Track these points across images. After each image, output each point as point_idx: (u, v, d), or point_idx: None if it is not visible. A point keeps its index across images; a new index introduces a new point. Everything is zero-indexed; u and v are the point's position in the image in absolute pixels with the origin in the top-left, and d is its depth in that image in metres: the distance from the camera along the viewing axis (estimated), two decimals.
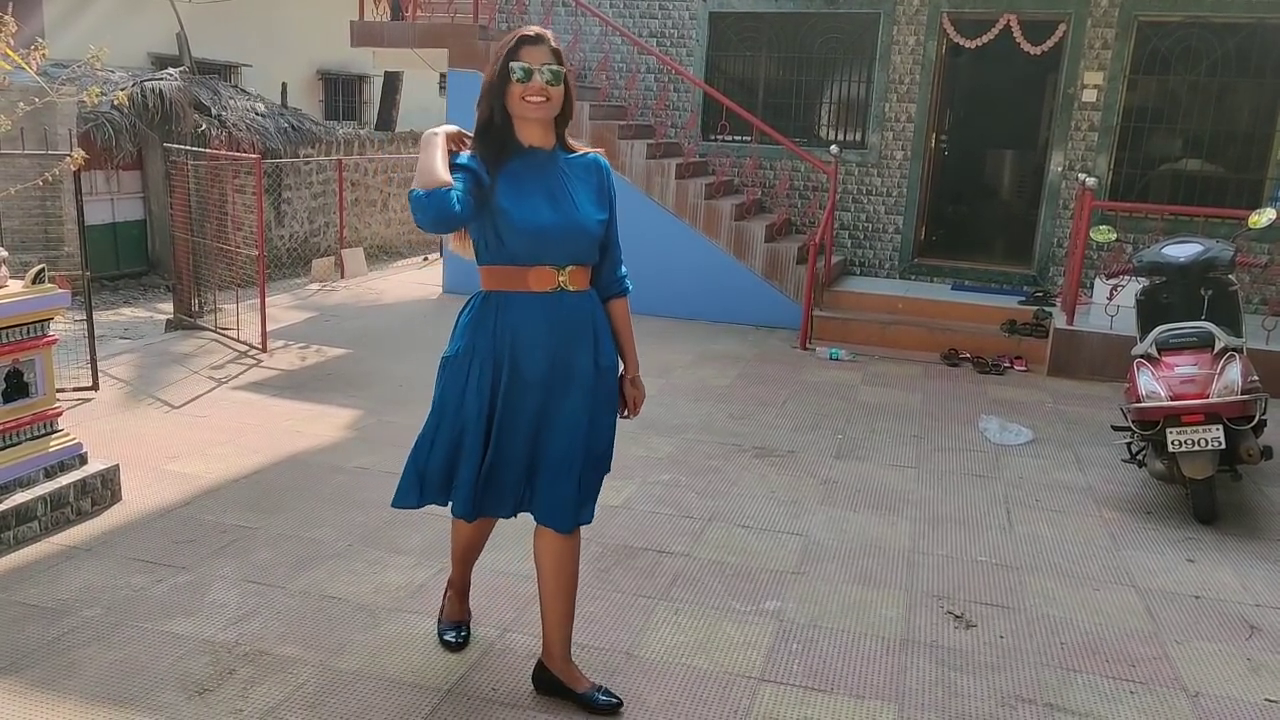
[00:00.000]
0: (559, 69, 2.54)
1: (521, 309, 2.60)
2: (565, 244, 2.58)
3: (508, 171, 2.56)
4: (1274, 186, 8.65)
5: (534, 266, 2.58)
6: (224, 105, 11.25)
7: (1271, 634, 3.56)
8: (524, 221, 2.53)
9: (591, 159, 2.71)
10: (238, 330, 7.33)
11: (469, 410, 2.68)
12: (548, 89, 2.53)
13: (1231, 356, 4.57)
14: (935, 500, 4.72)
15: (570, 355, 2.64)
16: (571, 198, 2.60)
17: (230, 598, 3.44)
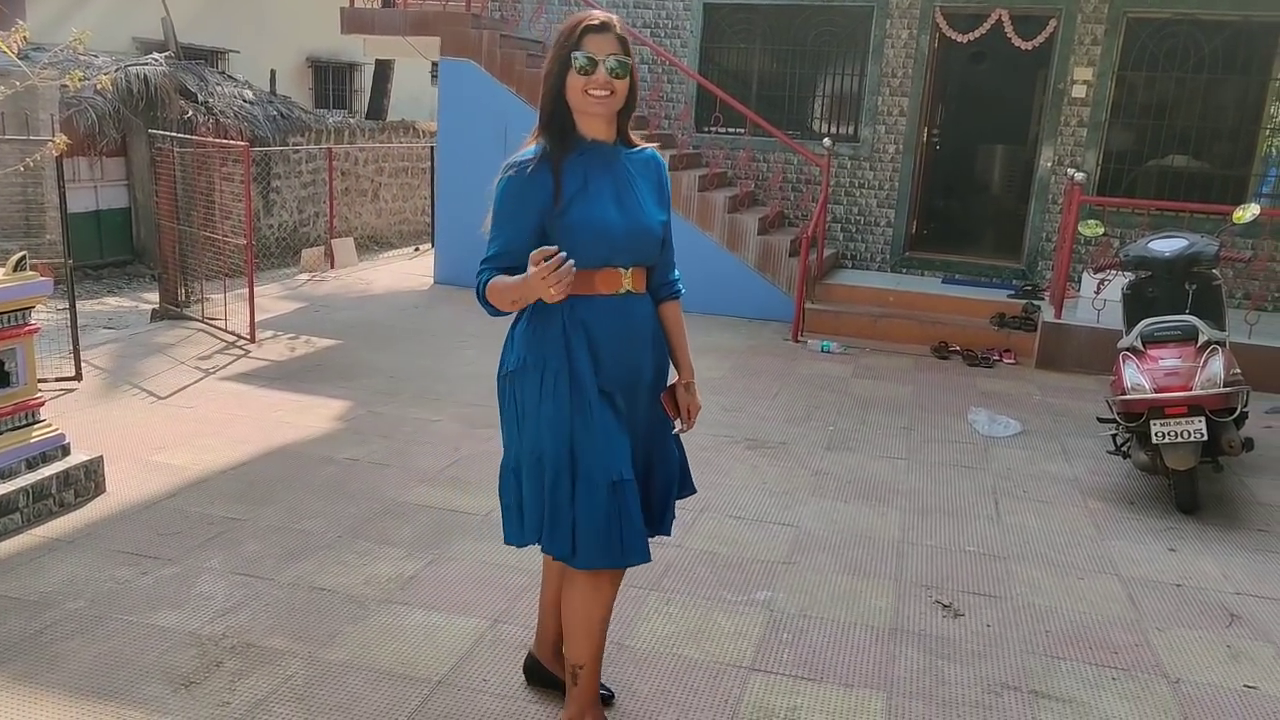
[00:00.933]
0: (626, 60, 2.34)
1: (590, 313, 2.39)
2: (631, 245, 2.41)
3: (571, 167, 2.36)
4: (1258, 182, 8.72)
5: (601, 269, 2.38)
6: (211, 92, 11.17)
7: (1251, 622, 3.60)
8: (593, 222, 2.35)
9: (649, 154, 2.54)
10: (225, 320, 7.29)
11: (550, 429, 2.41)
12: (613, 82, 2.32)
13: (1214, 350, 4.61)
14: (925, 491, 4.75)
15: (637, 361, 2.48)
16: (636, 197, 2.43)
17: (217, 590, 3.44)
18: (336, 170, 12.59)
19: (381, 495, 4.33)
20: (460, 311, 8.29)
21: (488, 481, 4.51)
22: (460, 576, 3.61)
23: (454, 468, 4.70)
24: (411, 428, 5.24)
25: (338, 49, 16.80)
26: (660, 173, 2.55)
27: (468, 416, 5.47)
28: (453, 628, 3.25)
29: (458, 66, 9.06)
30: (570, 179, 2.35)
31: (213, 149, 8.08)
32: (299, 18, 16.32)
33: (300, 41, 16.85)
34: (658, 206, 2.50)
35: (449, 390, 5.97)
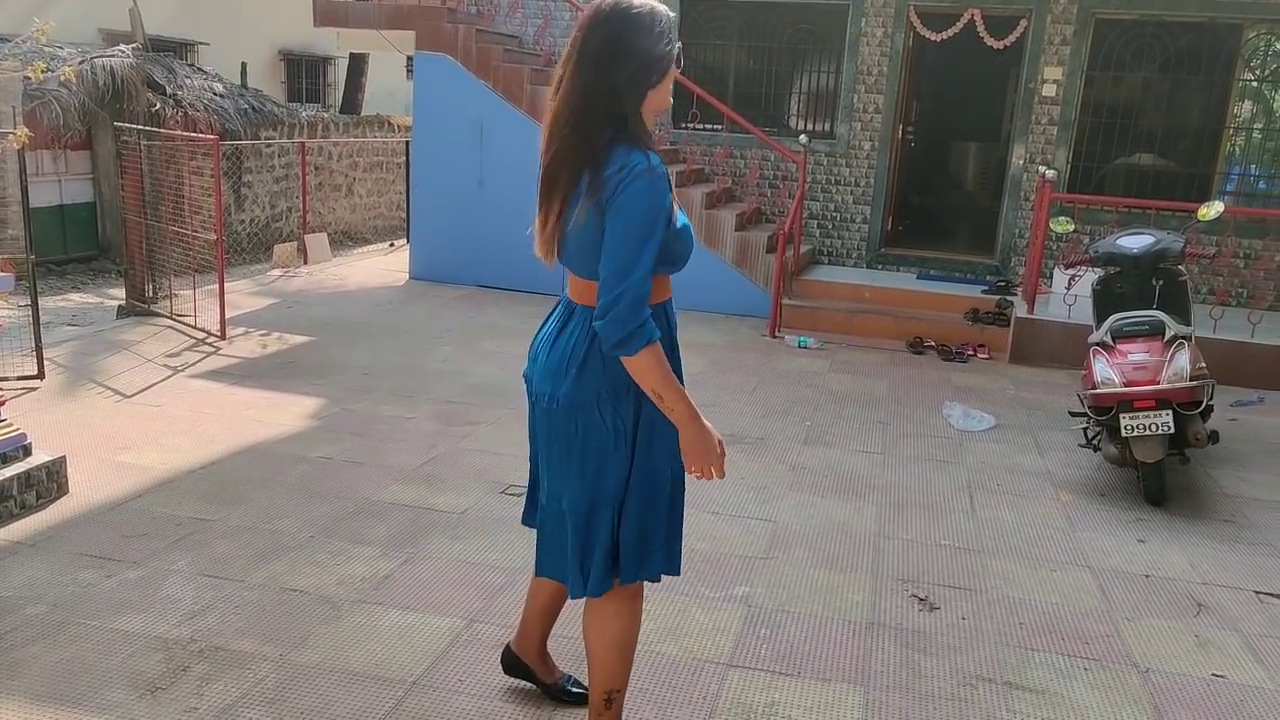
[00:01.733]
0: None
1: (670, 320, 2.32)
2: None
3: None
4: (1222, 181, 8.84)
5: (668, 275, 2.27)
6: (180, 84, 11.03)
7: (1218, 611, 3.65)
8: (686, 227, 2.22)
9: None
10: (194, 317, 7.20)
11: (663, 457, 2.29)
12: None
13: (1181, 344, 4.67)
14: (900, 485, 4.77)
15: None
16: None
17: (185, 592, 3.38)
18: (310, 165, 12.47)
19: (355, 494, 4.29)
20: (435, 307, 8.24)
21: (463, 479, 4.50)
22: (435, 575, 3.59)
23: (429, 465, 4.67)
24: (386, 425, 5.21)
25: (311, 42, 16.63)
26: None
27: (443, 414, 5.44)
28: (428, 627, 3.23)
29: (433, 61, 9.00)
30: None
31: (181, 142, 7.97)
32: (271, 10, 16.14)
33: (272, 34, 16.67)
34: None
35: (424, 387, 5.93)
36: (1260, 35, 8.54)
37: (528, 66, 8.92)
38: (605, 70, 2.08)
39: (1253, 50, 8.59)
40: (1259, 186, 8.94)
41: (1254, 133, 8.88)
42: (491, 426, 5.26)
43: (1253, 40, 8.54)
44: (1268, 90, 8.83)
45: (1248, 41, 8.53)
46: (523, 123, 8.76)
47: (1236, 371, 6.81)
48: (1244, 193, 8.93)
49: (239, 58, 15.24)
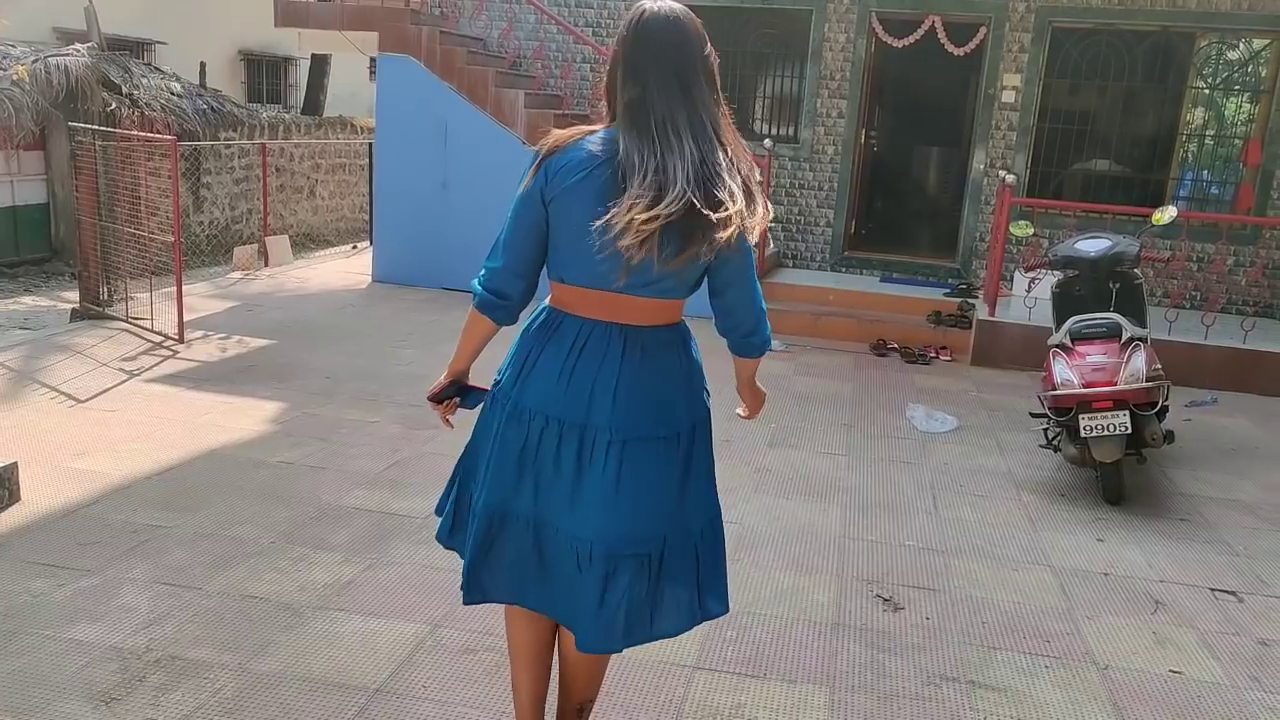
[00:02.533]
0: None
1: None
2: None
3: None
4: (1176, 186, 9.02)
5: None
6: (136, 84, 10.84)
7: (1174, 608, 3.71)
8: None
9: None
10: (151, 320, 7.08)
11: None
12: None
13: (1137, 346, 4.75)
14: (865, 487, 4.80)
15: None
16: None
17: (141, 601, 3.31)
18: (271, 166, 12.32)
19: (317, 499, 4.24)
20: (399, 310, 8.18)
21: (427, 484, 4.46)
22: (399, 581, 3.55)
23: (393, 470, 4.62)
24: (348, 429, 5.15)
25: (272, 42, 16.45)
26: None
27: (407, 417, 5.39)
28: (391, 633, 3.19)
29: (396, 62, 8.93)
30: None
31: (138, 143, 7.84)
32: (231, 9, 15.94)
33: (232, 34, 16.47)
34: None
35: (387, 391, 5.88)
36: (1212, 44, 8.72)
37: (492, 69, 8.89)
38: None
39: (1204, 59, 8.76)
40: (1211, 192, 9.13)
41: (1206, 139, 9.07)
42: (455, 430, 5.21)
43: (1205, 49, 8.72)
44: (1219, 98, 9.02)
45: (1200, 50, 8.71)
46: (487, 125, 8.73)
47: (1191, 373, 6.94)
48: (1197, 198, 9.12)
49: (198, 57, 15.03)
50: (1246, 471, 5.37)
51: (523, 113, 8.66)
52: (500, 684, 2.94)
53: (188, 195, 11.28)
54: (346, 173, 14.38)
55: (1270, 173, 8.47)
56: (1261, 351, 7.09)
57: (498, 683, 2.95)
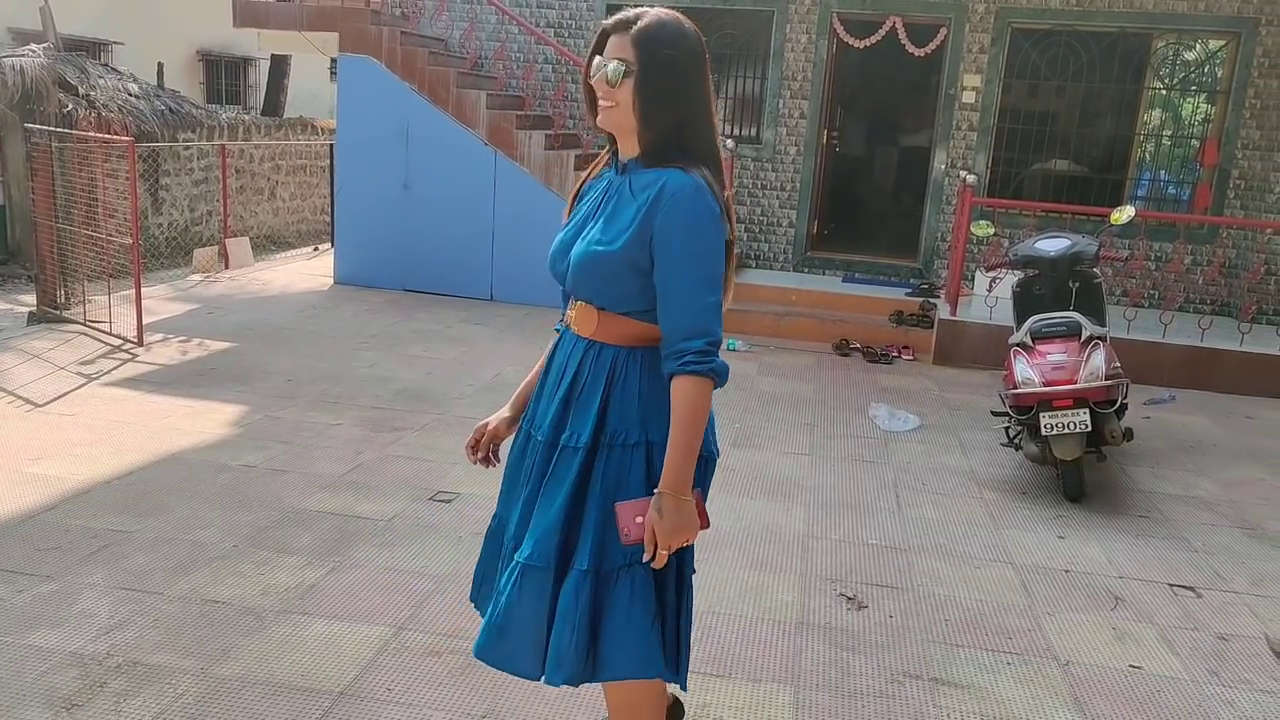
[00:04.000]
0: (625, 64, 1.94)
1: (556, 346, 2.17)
2: (572, 274, 2.04)
3: (589, 187, 2.15)
4: (1133, 186, 9.16)
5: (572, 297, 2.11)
6: (93, 85, 10.66)
7: (1134, 604, 3.77)
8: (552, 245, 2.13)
9: (655, 175, 1.97)
10: (110, 323, 6.97)
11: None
12: (611, 90, 1.96)
13: (1096, 344, 4.82)
14: (828, 486, 4.83)
15: (543, 410, 2.12)
16: (598, 219, 2.03)
17: (101, 606, 3.27)
18: (231, 168, 12.16)
19: (279, 502, 4.19)
20: (361, 312, 8.11)
21: (390, 486, 4.43)
22: (362, 584, 3.52)
23: (355, 473, 4.58)
24: (310, 432, 5.10)
25: (231, 42, 16.24)
26: (649, 196, 1.95)
27: (369, 420, 5.35)
28: (355, 636, 3.17)
29: (357, 63, 8.86)
30: (583, 198, 2.14)
31: (95, 144, 7.72)
32: (188, 9, 15.71)
33: (190, 34, 16.24)
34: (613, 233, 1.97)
35: (349, 393, 5.82)
36: (1168, 45, 8.87)
37: (453, 69, 8.84)
38: None
39: (1161, 59, 8.92)
40: (1168, 192, 9.29)
41: (1163, 140, 9.22)
42: (419, 433, 5.19)
43: (1161, 50, 8.87)
44: (1176, 99, 9.18)
45: (1156, 51, 8.85)
46: (448, 126, 8.68)
47: (1150, 371, 7.06)
48: (1154, 198, 9.27)
49: (155, 58, 14.81)
50: (1204, 468, 5.46)
51: (485, 114, 8.63)
52: (465, 685, 2.92)
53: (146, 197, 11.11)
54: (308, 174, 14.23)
55: (1226, 173, 8.63)
56: (1218, 349, 7.22)
57: (462, 684, 2.94)
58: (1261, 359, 7.16)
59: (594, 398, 2.03)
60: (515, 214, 8.60)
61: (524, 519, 2.11)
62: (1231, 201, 8.67)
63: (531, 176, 8.57)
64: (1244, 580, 4.05)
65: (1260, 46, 8.38)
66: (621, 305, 2.01)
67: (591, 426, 2.02)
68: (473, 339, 7.35)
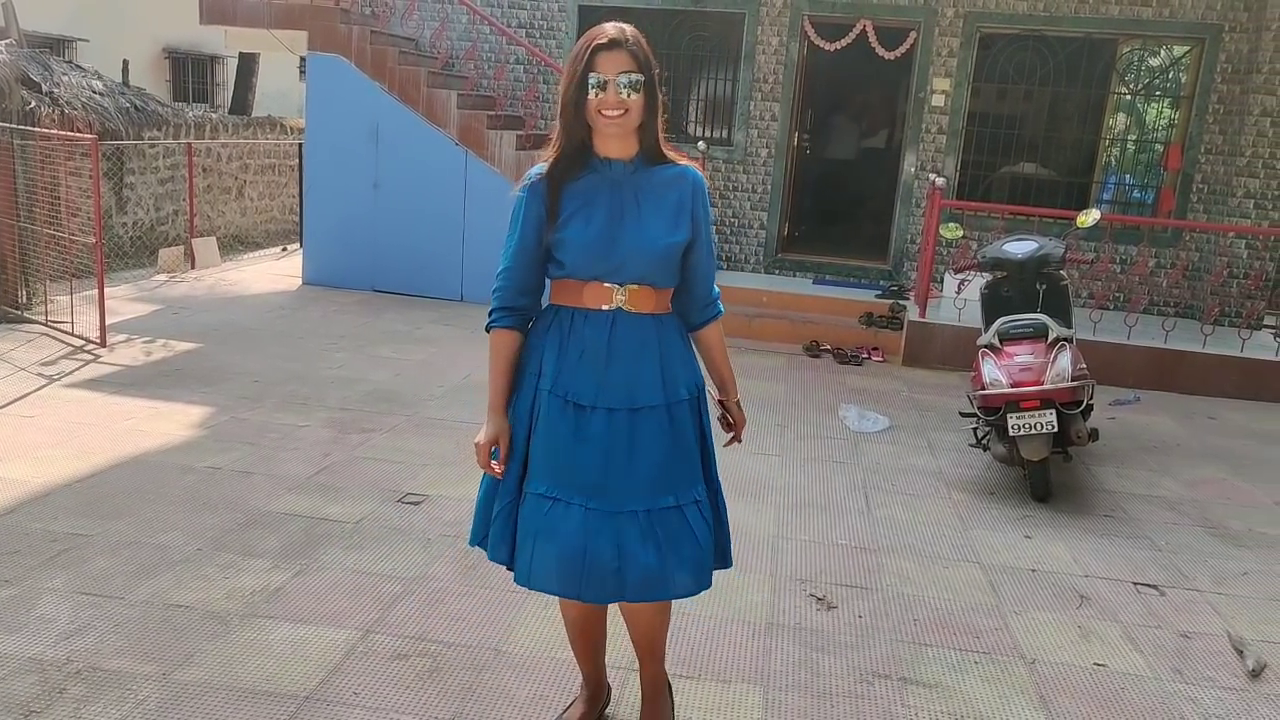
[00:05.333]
0: (638, 76, 2.27)
1: (573, 325, 2.40)
2: (624, 263, 2.35)
3: (578, 185, 2.37)
4: (1099, 189, 9.28)
5: (589, 282, 2.37)
6: (56, 82, 10.48)
7: (1099, 602, 3.81)
8: (573, 240, 2.35)
9: (677, 172, 2.41)
10: (72, 324, 6.87)
11: (518, 436, 2.43)
12: (625, 100, 2.27)
13: (1063, 346, 4.86)
14: (798, 487, 4.84)
15: (629, 379, 2.38)
16: (638, 213, 2.36)
17: (61, 611, 3.21)
18: (198, 167, 12.02)
19: (245, 505, 4.14)
20: (329, 313, 8.04)
21: (358, 488, 4.39)
22: (329, 586, 3.49)
23: (323, 474, 4.54)
24: (277, 434, 5.04)
25: (198, 40, 16.06)
26: (684, 191, 2.40)
27: (338, 421, 5.30)
28: (321, 640, 3.13)
29: (326, 62, 8.79)
30: (571, 198, 2.36)
31: (58, 142, 7.60)
32: (155, 6, 15.51)
33: (156, 31, 16.04)
34: (670, 225, 2.37)
35: (317, 394, 5.77)
36: (1134, 50, 8.99)
37: (424, 69, 8.79)
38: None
39: (1127, 65, 9.04)
40: (1133, 195, 9.42)
41: (1128, 144, 9.34)
42: (387, 434, 5.15)
43: (1127, 55, 9.00)
44: (1141, 103, 9.31)
45: (1122, 56, 8.97)
46: (419, 125, 8.63)
47: (1115, 372, 7.15)
48: (1120, 201, 9.39)
49: (120, 55, 14.61)
50: (1168, 468, 5.54)
51: (455, 113, 8.59)
52: (433, 688, 2.90)
53: (110, 196, 10.96)
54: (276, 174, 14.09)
55: (1190, 177, 8.76)
56: (1182, 351, 7.32)
57: (430, 687, 2.92)
58: (1223, 360, 7.27)
59: (664, 361, 2.43)
60: (486, 214, 8.56)
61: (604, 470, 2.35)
62: (1195, 205, 8.80)
63: (502, 177, 8.53)
64: (1207, 578, 4.10)
65: (1224, 52, 8.51)
66: (670, 281, 2.44)
67: (661, 386, 2.42)
68: (442, 340, 7.31)
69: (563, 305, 2.43)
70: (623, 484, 2.35)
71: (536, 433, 2.40)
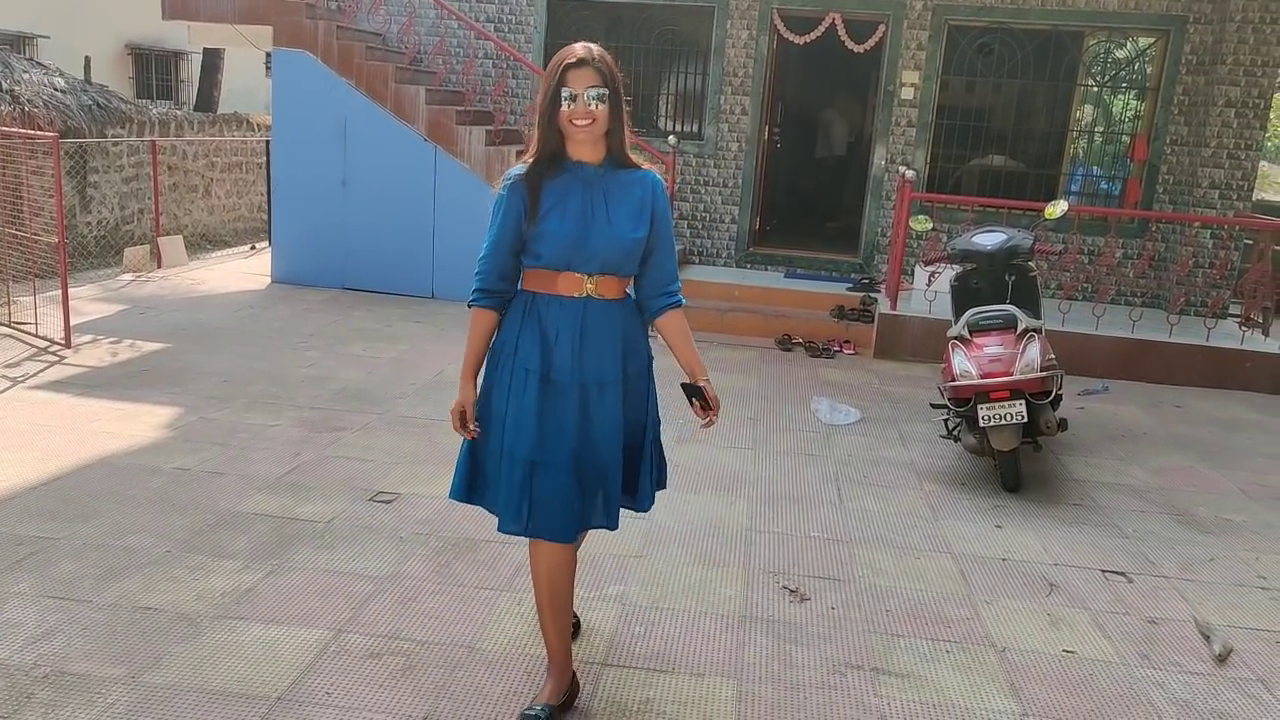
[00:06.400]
0: (604, 90, 2.60)
1: (548, 310, 2.69)
2: (595, 255, 2.65)
3: (555, 185, 2.66)
4: (1067, 181, 9.37)
5: (562, 272, 2.67)
6: (17, 80, 10.32)
7: (1068, 590, 3.85)
8: (551, 233, 2.63)
9: (642, 175, 2.75)
10: (36, 325, 6.77)
11: (497, 404, 2.72)
12: (593, 110, 2.59)
13: (1032, 337, 4.90)
14: (771, 480, 4.86)
15: (600, 359, 2.71)
16: (606, 211, 2.67)
17: (27, 616, 3.17)
18: (163, 164, 11.86)
19: (215, 506, 4.10)
20: (299, 311, 7.97)
21: (329, 487, 4.36)
22: (301, 587, 3.46)
23: (294, 474, 4.50)
24: (247, 434, 4.99)
25: (161, 36, 15.85)
26: (646, 191, 2.73)
27: (308, 420, 5.25)
28: (293, 640, 3.11)
29: (292, 57, 8.70)
30: (549, 195, 2.64)
31: (19, 140, 7.47)
32: (117, 2, 15.30)
33: (118, 27, 15.81)
34: (633, 222, 2.69)
35: (287, 394, 5.72)
36: (1100, 43, 9.08)
37: (391, 64, 8.72)
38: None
39: (1093, 57, 9.13)
40: (1101, 187, 9.51)
41: (1095, 136, 9.44)
42: (359, 432, 5.11)
43: (1093, 47, 9.08)
44: (1107, 95, 9.40)
45: (1089, 48, 9.06)
46: (387, 121, 8.57)
47: (1083, 362, 7.22)
48: (1087, 192, 9.49)
49: (82, 52, 14.39)
50: (1135, 457, 5.61)
51: (424, 109, 8.53)
52: (406, 687, 2.89)
53: (73, 195, 10.80)
54: (243, 171, 13.93)
55: (1156, 168, 8.86)
56: (1149, 341, 7.42)
57: (403, 686, 2.90)
58: (1190, 349, 7.37)
59: (626, 342, 2.77)
60: (456, 210, 8.51)
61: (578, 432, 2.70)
62: (1161, 196, 8.90)
63: (472, 173, 8.49)
64: (1173, 565, 4.16)
65: (1189, 44, 8.62)
66: (631, 270, 2.76)
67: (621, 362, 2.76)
68: (413, 337, 7.27)
69: (537, 292, 2.70)
70: (590, 444, 2.70)
71: (518, 404, 2.67)
